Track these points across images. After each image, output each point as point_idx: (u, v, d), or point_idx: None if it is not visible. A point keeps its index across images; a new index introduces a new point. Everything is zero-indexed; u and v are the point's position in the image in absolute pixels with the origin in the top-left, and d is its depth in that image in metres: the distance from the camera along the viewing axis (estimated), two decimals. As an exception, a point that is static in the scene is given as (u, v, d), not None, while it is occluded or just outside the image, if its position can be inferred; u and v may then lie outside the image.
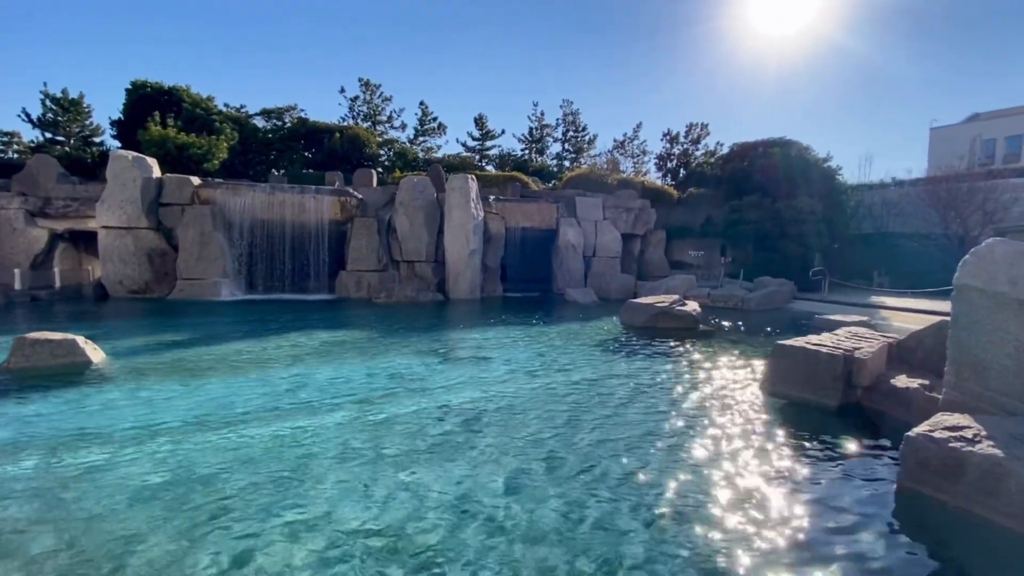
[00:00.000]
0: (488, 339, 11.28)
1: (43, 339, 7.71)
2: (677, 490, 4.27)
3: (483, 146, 42.74)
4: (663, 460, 4.86)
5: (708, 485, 4.37)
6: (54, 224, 19.64)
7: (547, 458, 4.79)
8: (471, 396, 6.79)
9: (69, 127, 30.80)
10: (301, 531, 3.49)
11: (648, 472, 4.57)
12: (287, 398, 6.58)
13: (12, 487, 4.06)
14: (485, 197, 21.59)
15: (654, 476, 4.50)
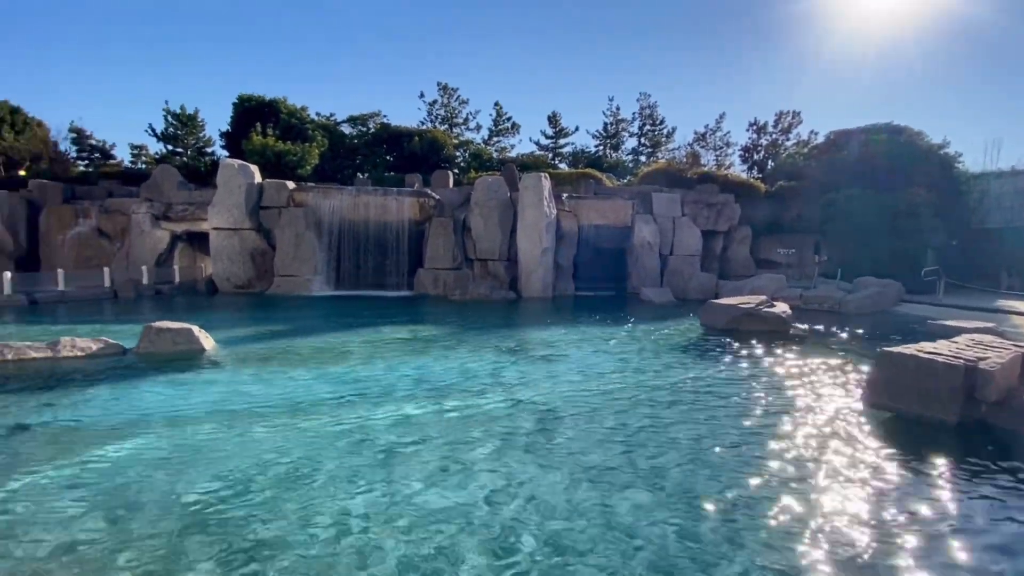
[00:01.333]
0: (560, 338, 11.21)
1: (165, 328, 8.72)
2: (775, 520, 3.71)
3: (556, 144, 42.55)
4: (750, 479, 4.38)
5: (813, 513, 3.79)
6: (174, 226, 22.15)
7: (620, 465, 4.61)
8: (545, 394, 6.78)
9: (186, 139, 34.58)
10: (384, 510, 3.66)
11: (733, 492, 4.11)
12: (371, 388, 6.94)
13: (143, 454, 4.62)
14: (558, 195, 21.49)
15: (739, 497, 4.03)
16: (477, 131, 41.41)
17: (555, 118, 41.86)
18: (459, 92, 40.31)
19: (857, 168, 22.32)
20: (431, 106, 40.16)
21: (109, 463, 4.49)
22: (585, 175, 26.63)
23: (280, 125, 28.50)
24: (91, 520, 3.55)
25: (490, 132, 41.46)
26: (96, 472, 4.31)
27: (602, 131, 43.23)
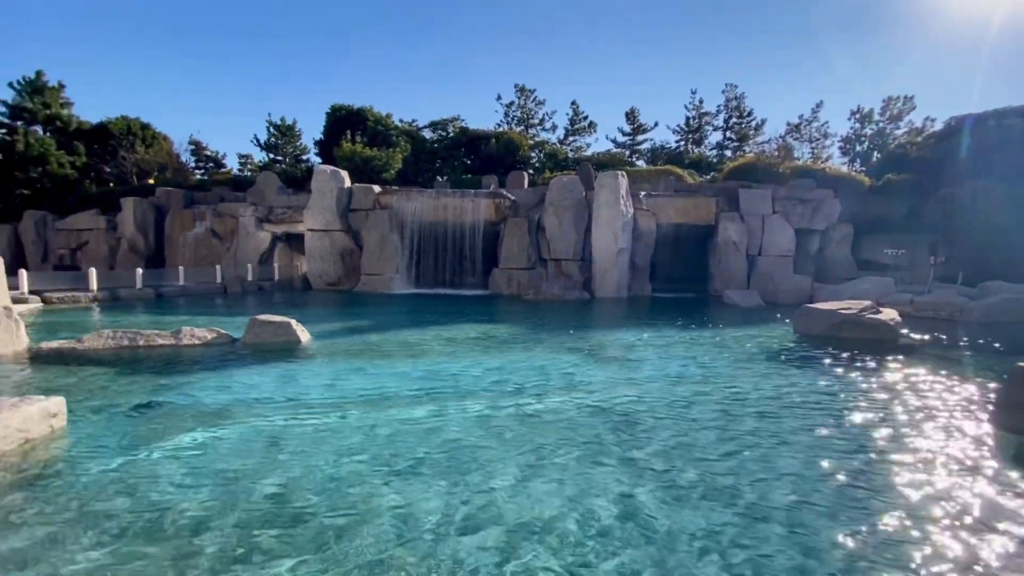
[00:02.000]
0: (636, 340, 10.89)
1: (268, 321, 9.55)
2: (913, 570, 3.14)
3: (634, 141, 41.46)
4: (872, 520, 3.69)
5: (954, 565, 3.20)
6: (274, 228, 24.21)
7: (719, 489, 4.27)
8: (620, 397, 6.61)
9: (285, 148, 37.70)
10: (460, 509, 3.74)
11: (859, 536, 3.47)
12: (449, 385, 7.15)
13: (247, 433, 5.09)
14: (635, 194, 20.91)
15: (866, 543, 3.40)
16: (553, 131, 41.41)
17: (633, 114, 40.82)
18: (536, 93, 40.52)
19: (984, 158, 19.62)
20: (508, 108, 40.70)
21: (218, 440, 4.99)
22: (664, 172, 25.70)
23: (367, 132, 30.21)
24: (199, 487, 3.95)
25: (566, 132, 41.26)
26: (205, 447, 4.80)
27: (683, 126, 41.54)
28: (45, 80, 31.95)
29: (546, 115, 41.09)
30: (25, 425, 4.77)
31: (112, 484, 4.07)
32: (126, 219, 24.46)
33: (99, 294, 16.68)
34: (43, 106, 31.38)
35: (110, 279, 18.13)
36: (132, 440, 4.98)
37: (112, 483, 4.09)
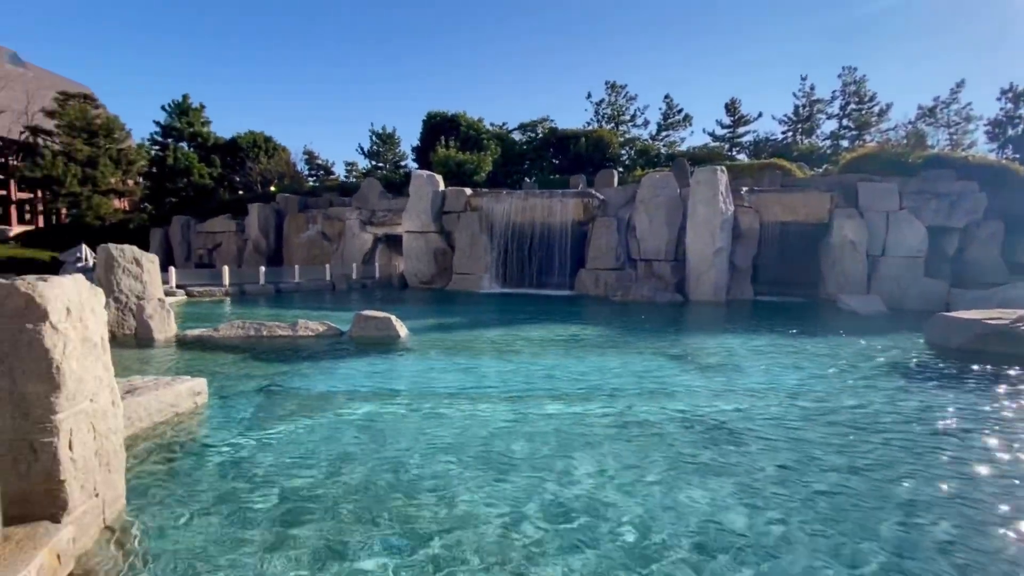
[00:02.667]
0: (734, 347, 10.21)
1: (371, 316, 10.25)
2: None
3: (734, 134, 38.92)
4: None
5: None
6: (376, 230, 25.91)
7: (806, 504, 4.00)
8: (718, 408, 6.24)
9: (386, 155, 40.19)
10: (548, 508, 3.75)
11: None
12: (538, 383, 7.20)
13: (353, 418, 5.51)
14: (736, 190, 19.61)
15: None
16: (644, 127, 40.09)
17: (733, 105, 38.35)
18: (627, 89, 39.47)
19: None
20: (598, 106, 40.06)
21: (327, 423, 5.44)
22: (770, 165, 23.83)
23: (460, 137, 31.34)
24: (311, 463, 4.34)
25: (658, 127, 39.76)
26: (319, 428, 5.25)
27: (791, 115, 38.27)
28: (189, 102, 36.92)
29: (638, 111, 39.90)
30: (176, 401, 5.54)
31: (242, 454, 4.61)
32: (252, 223, 27.50)
33: (230, 289, 18.93)
34: (187, 125, 36.28)
35: (239, 276, 20.50)
36: (258, 418, 5.60)
37: (242, 453, 4.63)
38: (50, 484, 2.96)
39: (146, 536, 3.34)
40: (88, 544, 3.15)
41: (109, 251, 9.90)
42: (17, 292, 2.80)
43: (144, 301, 9.95)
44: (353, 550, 3.20)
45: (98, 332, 3.33)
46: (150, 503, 3.74)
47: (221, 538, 3.32)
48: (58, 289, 2.94)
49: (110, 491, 3.44)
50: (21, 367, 2.85)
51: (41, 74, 43.01)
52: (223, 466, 4.40)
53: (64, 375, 2.92)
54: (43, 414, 2.89)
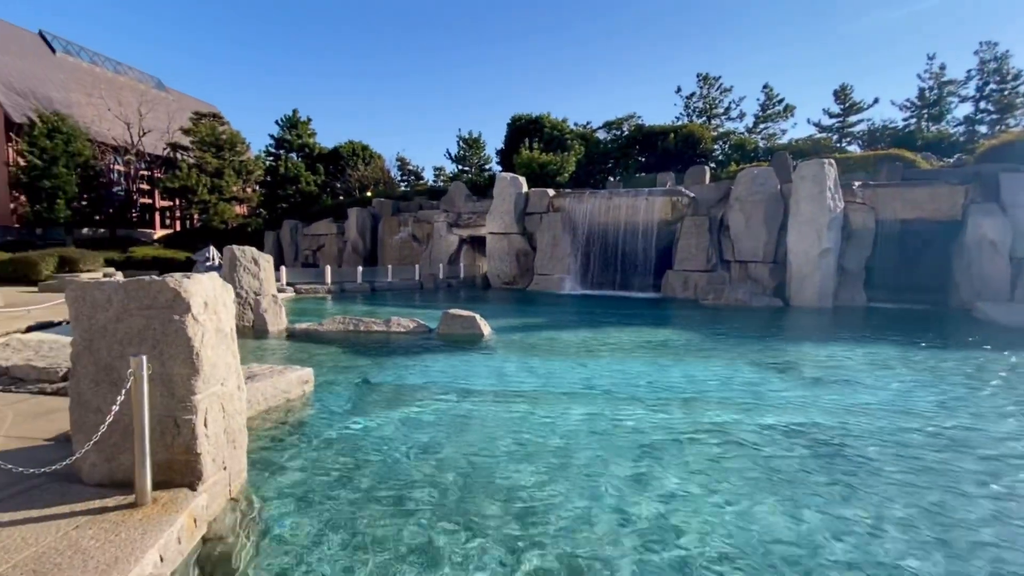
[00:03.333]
0: (845, 358, 9.26)
1: (457, 315, 10.60)
2: None
3: (844, 123, 35.45)
4: None
5: None
6: (462, 232, 26.76)
7: (939, 545, 3.51)
8: (822, 423, 5.69)
9: (472, 159, 41.38)
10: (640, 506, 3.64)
11: None
12: (621, 387, 7.02)
13: (442, 413, 5.72)
14: (847, 184, 17.82)
15: None
16: (740, 119, 37.78)
17: (844, 92, 34.96)
18: (721, 80, 37.41)
19: None
20: (688, 100, 38.39)
21: (417, 414, 5.69)
22: (888, 156, 21.39)
23: (543, 138, 31.47)
24: (404, 449, 4.55)
25: (756, 119, 37.26)
26: (412, 418, 5.52)
27: (915, 100, 34.09)
28: (298, 116, 40.49)
29: (732, 103, 37.69)
30: (287, 388, 6.09)
31: (345, 438, 4.97)
32: (350, 226, 29.58)
33: (331, 287, 20.49)
34: (296, 137, 39.82)
35: (339, 275, 22.11)
36: (358, 406, 6.00)
37: (345, 437, 4.99)
38: (189, 456, 3.37)
39: (265, 506, 3.70)
40: (217, 511, 3.55)
41: (233, 252, 11.12)
42: (167, 287, 3.22)
43: (260, 297, 11.06)
44: (438, 532, 3.32)
45: (228, 324, 3.75)
46: (267, 478, 4.14)
47: (329, 510, 3.60)
48: (199, 285, 3.35)
49: (235, 465, 3.85)
50: (169, 352, 3.28)
51: (180, 97, 49.43)
52: (329, 448, 4.77)
53: (202, 360, 3.32)
54: (185, 394, 3.31)
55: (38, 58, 39.10)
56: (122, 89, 36.82)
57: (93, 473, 3.40)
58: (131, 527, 2.94)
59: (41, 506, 3.14)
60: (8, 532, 2.88)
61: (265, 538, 3.32)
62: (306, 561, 3.09)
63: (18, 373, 5.86)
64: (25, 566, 2.60)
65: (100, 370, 3.31)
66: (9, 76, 34.28)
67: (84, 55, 43.87)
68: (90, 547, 2.75)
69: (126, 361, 3.18)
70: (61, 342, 7.34)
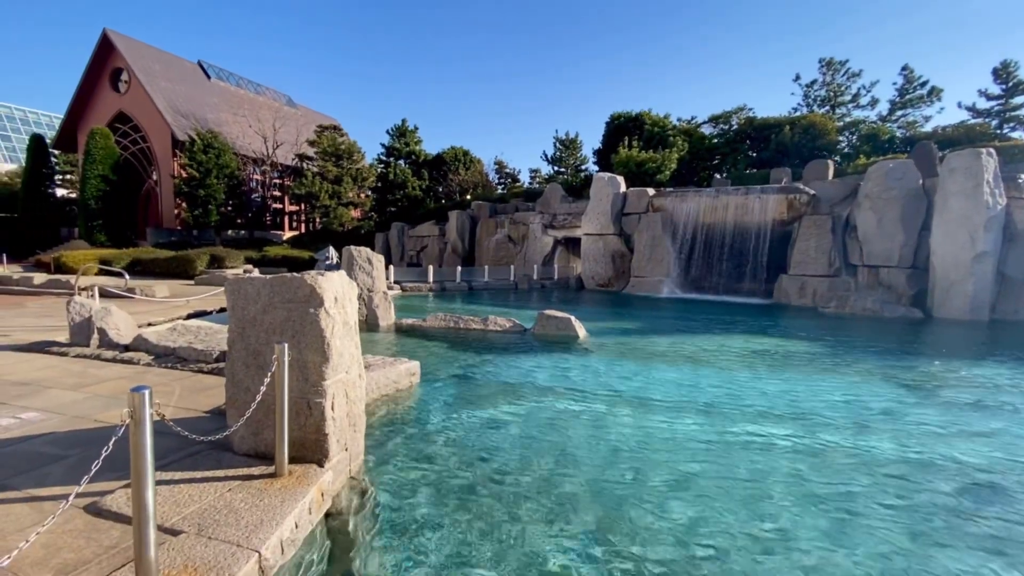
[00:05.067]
0: (1001, 379, 7.87)
1: (552, 316, 10.64)
2: None
3: (1007, 105, 30.17)
4: None
5: None
6: (556, 233, 26.80)
7: None
8: (974, 453, 4.89)
9: (568, 160, 41.26)
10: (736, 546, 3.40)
11: None
12: (723, 398, 6.60)
13: (535, 411, 5.78)
14: (1012, 177, 15.15)
15: None
16: (872, 107, 33.69)
17: (1005, 70, 29.80)
18: (848, 65, 33.63)
19: None
20: (808, 88, 35.04)
21: (516, 411, 5.80)
22: (1069, 144, 17.84)
23: (643, 136, 30.50)
24: (500, 443, 4.66)
25: (892, 105, 33.01)
26: (509, 415, 5.64)
27: (1110, 72, 28.03)
28: (407, 125, 43.13)
29: (862, 88, 33.72)
30: (397, 378, 6.52)
31: (449, 428, 5.23)
32: (451, 228, 30.92)
33: (433, 285, 21.58)
34: (404, 145, 42.45)
35: (440, 274, 23.23)
36: (459, 400, 6.27)
37: (449, 427, 5.25)
38: (318, 435, 3.74)
39: (379, 486, 4.00)
40: (339, 487, 3.90)
41: (351, 252, 12.15)
42: (305, 284, 3.61)
43: (373, 293, 11.96)
44: (528, 520, 3.36)
45: (353, 317, 4.10)
46: (381, 460, 4.47)
47: (436, 494, 3.81)
48: (330, 282, 3.71)
49: (355, 447, 4.21)
50: (305, 341, 3.66)
51: (306, 112, 55.03)
52: (435, 436, 5.05)
53: (332, 350, 3.67)
54: (317, 379, 3.68)
55: (197, 84, 45.68)
56: (260, 108, 41.81)
57: (242, 444, 3.90)
58: (272, 494, 3.33)
59: (203, 469, 3.67)
60: (179, 489, 3.40)
61: (381, 515, 3.59)
62: (416, 540, 3.29)
63: (183, 353, 6.89)
64: (192, 519, 3.06)
65: (250, 355, 3.79)
66: (176, 101, 40.46)
67: (231, 80, 50.48)
68: (241, 508, 3.16)
69: (271, 348, 3.61)
70: (214, 328, 8.51)
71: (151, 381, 5.88)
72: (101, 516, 3.10)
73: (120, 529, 2.95)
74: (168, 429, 2.93)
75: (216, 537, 2.87)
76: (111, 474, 3.49)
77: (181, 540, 2.84)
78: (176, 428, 2.87)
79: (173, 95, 40.60)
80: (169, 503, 3.21)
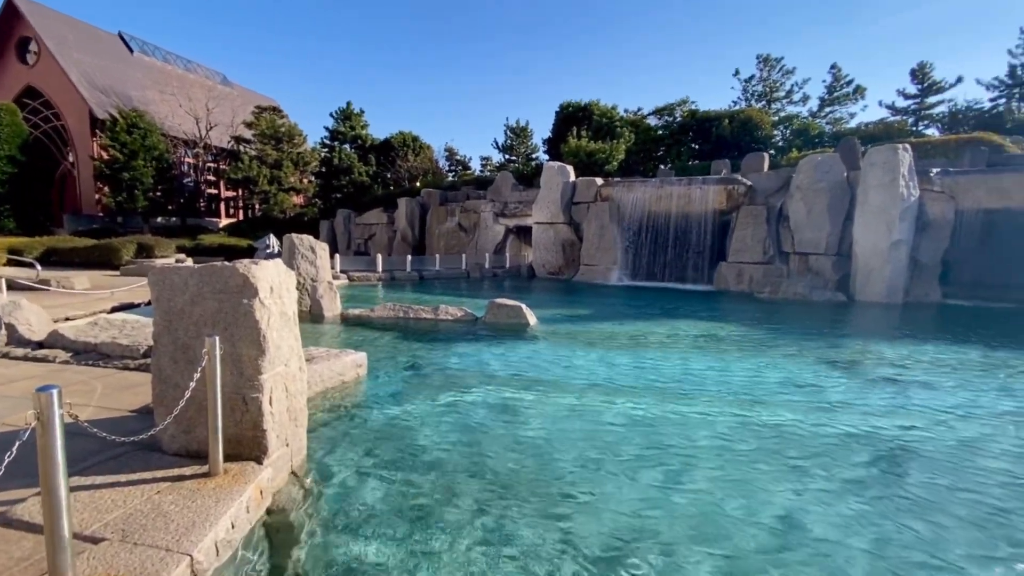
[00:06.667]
0: (915, 357, 8.66)
1: (503, 304, 10.67)
2: None
3: (922, 104, 32.78)
4: None
5: None
6: (508, 221, 26.82)
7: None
8: (886, 426, 5.36)
9: (519, 148, 41.26)
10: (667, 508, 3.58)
11: None
12: (667, 382, 6.88)
13: (485, 400, 5.81)
14: (923, 171, 16.52)
15: None
16: (804, 103, 35.67)
17: (923, 70, 32.30)
18: (783, 62, 35.39)
19: None
20: (747, 83, 36.61)
21: (465, 400, 5.81)
22: (972, 141, 19.62)
23: (592, 126, 30.92)
24: (448, 435, 4.66)
25: (821, 102, 35.10)
26: (458, 404, 5.63)
27: (1005, 78, 31.02)
28: (352, 109, 41.63)
29: (795, 85, 35.62)
30: (343, 370, 6.35)
31: (397, 420, 5.15)
32: (400, 215, 30.27)
33: (382, 275, 21.11)
34: (350, 128, 40.99)
35: (389, 263, 22.74)
36: (407, 391, 6.19)
37: (397, 420, 5.17)
38: (256, 432, 3.59)
39: (323, 481, 3.90)
40: (280, 484, 3.78)
41: (292, 240, 11.65)
42: (237, 273, 3.43)
43: (317, 283, 11.55)
44: (479, 505, 3.39)
45: (291, 308, 3.94)
46: (325, 455, 4.36)
47: (382, 488, 3.75)
48: (265, 271, 3.54)
49: (296, 442, 4.07)
50: (239, 333, 3.49)
51: (243, 92, 51.92)
52: (382, 428, 4.96)
53: (268, 342, 3.52)
54: (252, 373, 3.52)
55: (117, 58, 42.02)
56: (192, 86, 39.04)
57: (172, 443, 3.69)
58: (206, 495, 3.17)
59: (128, 471, 3.44)
60: (100, 493, 3.18)
61: (324, 511, 3.51)
62: (361, 534, 3.24)
63: (105, 350, 6.41)
64: (115, 525, 2.87)
65: (178, 349, 3.57)
66: (93, 75, 37.08)
67: (158, 54, 46.79)
68: (171, 511, 3.00)
69: (201, 341, 3.41)
70: (142, 322, 7.96)
71: (68, 380, 5.43)
72: (11, 527, 2.86)
73: (33, 539, 2.73)
74: (84, 431, 2.72)
75: (143, 543, 2.71)
76: (24, 480, 3.22)
77: (103, 548, 2.66)
78: (93, 430, 2.67)
79: (90, 69, 37.21)
80: (89, 509, 3.00)
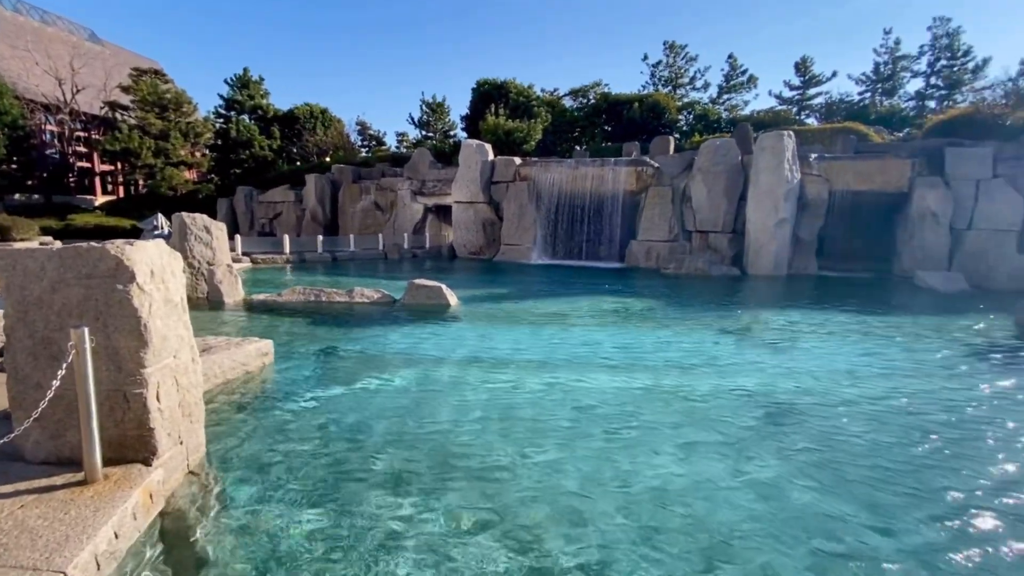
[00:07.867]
0: (795, 323, 9.73)
1: (423, 285, 10.48)
2: None
3: (804, 96, 36.20)
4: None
5: None
6: (426, 200, 26.20)
7: (870, 496, 3.83)
8: (773, 386, 6.01)
9: (436, 125, 40.20)
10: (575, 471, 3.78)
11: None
12: (582, 354, 7.18)
13: (404, 382, 5.72)
14: (804, 156, 18.34)
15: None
16: (705, 90, 37.97)
17: (804, 64, 35.56)
18: (687, 49, 37.32)
19: None
20: (654, 68, 38.20)
21: (382, 384, 5.67)
22: (843, 130, 22.04)
23: (509, 105, 30.82)
24: (369, 419, 4.55)
25: (720, 89, 37.55)
26: (374, 389, 5.49)
27: (871, 74, 35.06)
28: (250, 76, 38.13)
29: (698, 72, 37.74)
30: (246, 360, 5.92)
31: (306, 410, 4.90)
32: (309, 193, 28.47)
33: (290, 256, 19.86)
34: (248, 97, 37.56)
35: (298, 244, 21.42)
36: (319, 378, 5.92)
37: (306, 410, 4.92)
38: (141, 431, 3.25)
39: (224, 480, 3.63)
40: (174, 486, 3.47)
41: (183, 219, 10.56)
42: (108, 255, 3.03)
43: (214, 267, 10.61)
44: (396, 499, 3.37)
45: (178, 293, 3.57)
46: (226, 451, 4.06)
47: (287, 482, 3.57)
48: (143, 253, 3.16)
49: (192, 439, 3.75)
50: (114, 324, 3.11)
51: (117, 51, 45.59)
52: (289, 420, 4.70)
53: (151, 332, 3.17)
54: (134, 367, 3.16)
55: (-52, 2, 35.09)
56: (51, 41, 33.61)
57: (37, 451, 3.24)
58: (81, 505, 2.84)
59: (-20, 486, 2.98)
60: (-56, 514, 2.73)
61: (224, 511, 3.28)
62: (264, 532, 3.07)
63: (-53, 349, 5.45)
64: (-35, 548, 2.48)
65: (37, 343, 3.11)
66: (-86, 21, 30.71)
67: (6, 3, 39.65)
68: (38, 526, 2.65)
69: (66, 334, 3.00)
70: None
71: None
72: None
73: None
74: (-87, 445, 2.30)
75: (5, 564, 2.38)
76: None
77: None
78: (-75, 442, 2.27)
79: (-92, 12, 30.77)
80: (-73, 535, 2.56)
